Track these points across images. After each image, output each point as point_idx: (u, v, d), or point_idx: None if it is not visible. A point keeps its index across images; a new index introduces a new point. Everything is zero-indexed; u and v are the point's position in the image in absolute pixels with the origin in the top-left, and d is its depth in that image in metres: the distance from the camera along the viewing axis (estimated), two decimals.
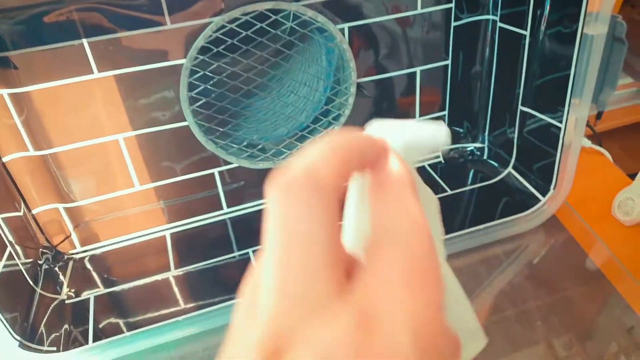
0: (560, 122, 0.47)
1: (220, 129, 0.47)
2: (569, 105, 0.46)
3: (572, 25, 0.43)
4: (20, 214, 0.46)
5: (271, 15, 0.43)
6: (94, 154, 0.46)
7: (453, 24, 0.52)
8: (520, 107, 0.52)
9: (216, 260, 0.50)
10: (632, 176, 0.88)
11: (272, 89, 0.57)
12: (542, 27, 0.47)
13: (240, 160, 0.50)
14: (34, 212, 0.47)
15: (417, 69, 0.53)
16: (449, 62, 0.54)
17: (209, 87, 0.45)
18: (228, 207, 0.54)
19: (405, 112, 0.56)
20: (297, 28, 0.45)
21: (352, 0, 0.46)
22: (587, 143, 0.65)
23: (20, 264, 0.43)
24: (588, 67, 0.43)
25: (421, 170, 0.59)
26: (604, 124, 0.97)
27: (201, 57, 0.43)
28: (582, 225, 0.56)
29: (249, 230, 0.53)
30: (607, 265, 0.53)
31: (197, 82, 0.44)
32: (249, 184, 0.54)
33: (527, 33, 0.48)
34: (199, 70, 0.43)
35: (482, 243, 0.51)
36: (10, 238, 0.43)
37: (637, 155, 1.08)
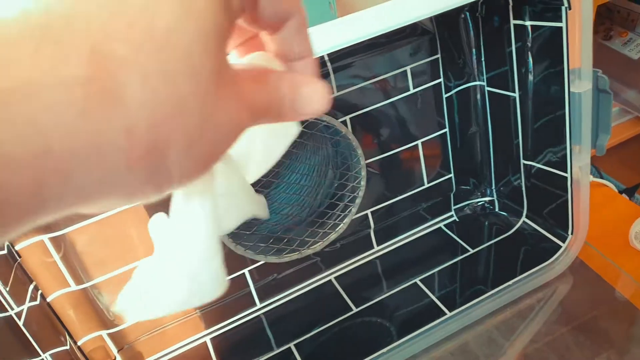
0: (565, 171, 0.50)
1: (247, 232, 0.50)
2: (570, 156, 0.48)
3: (558, 84, 0.47)
4: (67, 347, 0.47)
5: None
6: (130, 277, 0.48)
7: (444, 95, 0.55)
8: (523, 161, 0.55)
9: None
10: (635, 188, 0.91)
11: (283, 176, 0.59)
12: (529, 87, 0.50)
13: (269, 257, 0.52)
14: (79, 343, 0.48)
15: (419, 142, 0.56)
16: (446, 129, 0.57)
17: None
18: (260, 302, 0.56)
19: (413, 180, 0.58)
20: (304, 130, 0.48)
21: (349, 94, 0.50)
22: (590, 178, 0.67)
23: None
24: (582, 121, 0.46)
25: (438, 232, 0.61)
26: None
27: None
28: (603, 260, 0.57)
29: (284, 323, 0.54)
30: (636, 295, 0.54)
31: None
32: (278, 277, 0.55)
33: (515, 95, 0.52)
34: None
35: (513, 298, 0.52)
36: None
37: (635, 166, 1.11)
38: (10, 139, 0.11)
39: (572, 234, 0.53)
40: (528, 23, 0.47)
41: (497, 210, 0.61)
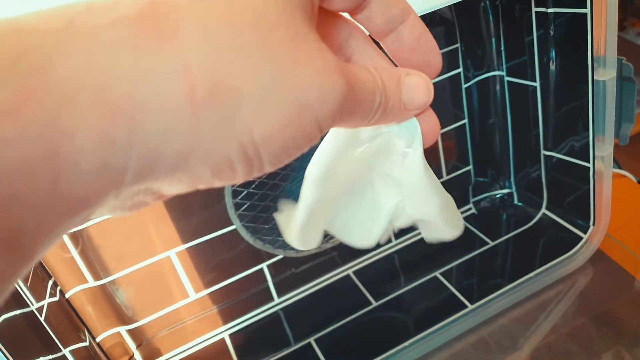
0: (588, 161, 0.49)
1: (266, 227, 0.49)
2: (593, 145, 0.48)
3: (581, 72, 0.46)
4: (86, 343, 0.47)
5: None
6: (148, 273, 0.47)
7: (463, 85, 0.54)
8: (543, 152, 0.54)
9: (276, 355, 0.50)
10: None
11: (300, 169, 0.59)
12: (551, 76, 0.49)
13: (287, 251, 0.51)
14: (98, 339, 0.48)
15: None
16: (465, 120, 0.56)
17: (251, 190, 0.46)
18: (278, 297, 0.55)
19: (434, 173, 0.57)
20: None
21: None
22: None
23: None
24: (605, 109, 0.45)
25: None
26: None
27: None
28: (624, 251, 0.56)
29: (302, 318, 0.54)
30: None
31: (240, 189, 0.46)
32: (297, 271, 0.55)
33: (536, 84, 0.51)
34: None
35: (535, 290, 0.51)
36: None
37: None
38: (70, 76, 0.11)
39: (594, 224, 0.52)
40: (550, 10, 0.46)
41: (516, 202, 0.61)
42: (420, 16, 0.37)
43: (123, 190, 0.12)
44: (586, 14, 0.42)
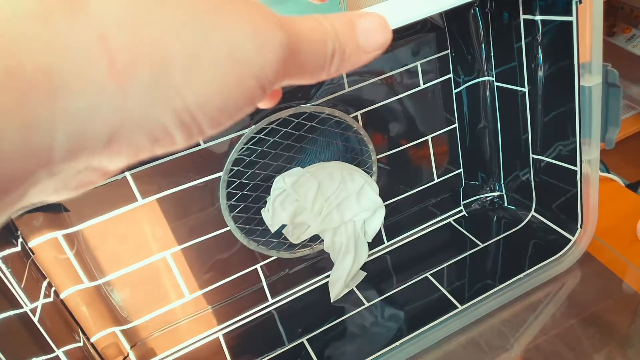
0: (575, 165, 0.50)
1: (260, 228, 0.50)
2: (580, 150, 0.49)
3: (568, 78, 0.47)
4: (80, 344, 0.47)
5: (293, 119, 0.46)
6: (144, 274, 0.48)
7: (454, 91, 0.55)
8: (532, 156, 0.55)
9: (270, 355, 0.51)
10: (638, 184, 0.91)
11: None
12: (539, 82, 0.51)
13: (281, 252, 0.52)
14: (92, 340, 0.48)
15: (429, 137, 0.56)
16: (456, 125, 0.57)
17: (246, 192, 0.47)
18: (272, 297, 0.56)
19: (423, 175, 0.58)
20: (317, 126, 0.48)
21: (360, 90, 0.50)
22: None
23: None
24: (592, 114, 0.46)
25: (447, 227, 0.61)
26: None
27: (236, 169, 0.46)
28: (611, 253, 0.57)
29: (295, 318, 0.55)
30: None
31: (234, 191, 0.47)
32: (290, 272, 0.55)
33: (524, 89, 0.52)
34: (235, 180, 0.46)
35: (523, 292, 0.52)
36: None
37: (638, 162, 1.11)
38: None
39: (581, 227, 0.53)
40: (538, 17, 0.47)
41: (505, 204, 0.62)
42: (411, 23, 0.38)
43: (56, 168, 0.12)
44: (572, 21, 0.43)
